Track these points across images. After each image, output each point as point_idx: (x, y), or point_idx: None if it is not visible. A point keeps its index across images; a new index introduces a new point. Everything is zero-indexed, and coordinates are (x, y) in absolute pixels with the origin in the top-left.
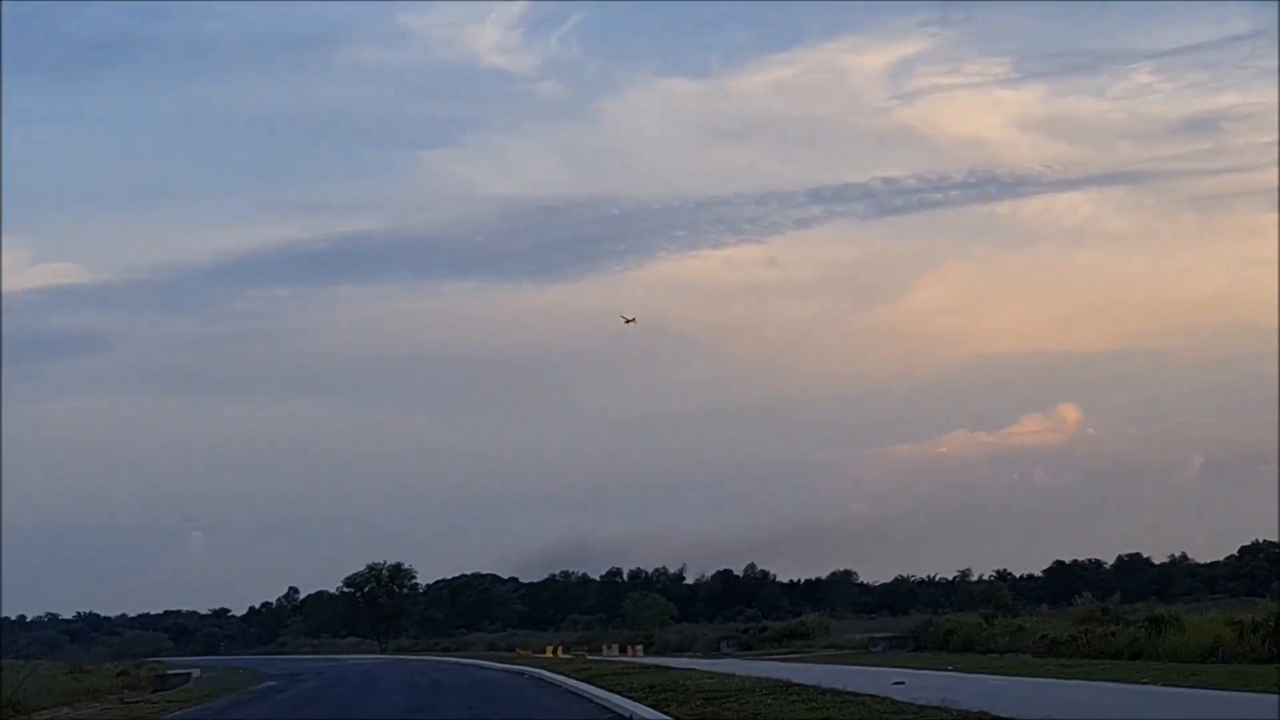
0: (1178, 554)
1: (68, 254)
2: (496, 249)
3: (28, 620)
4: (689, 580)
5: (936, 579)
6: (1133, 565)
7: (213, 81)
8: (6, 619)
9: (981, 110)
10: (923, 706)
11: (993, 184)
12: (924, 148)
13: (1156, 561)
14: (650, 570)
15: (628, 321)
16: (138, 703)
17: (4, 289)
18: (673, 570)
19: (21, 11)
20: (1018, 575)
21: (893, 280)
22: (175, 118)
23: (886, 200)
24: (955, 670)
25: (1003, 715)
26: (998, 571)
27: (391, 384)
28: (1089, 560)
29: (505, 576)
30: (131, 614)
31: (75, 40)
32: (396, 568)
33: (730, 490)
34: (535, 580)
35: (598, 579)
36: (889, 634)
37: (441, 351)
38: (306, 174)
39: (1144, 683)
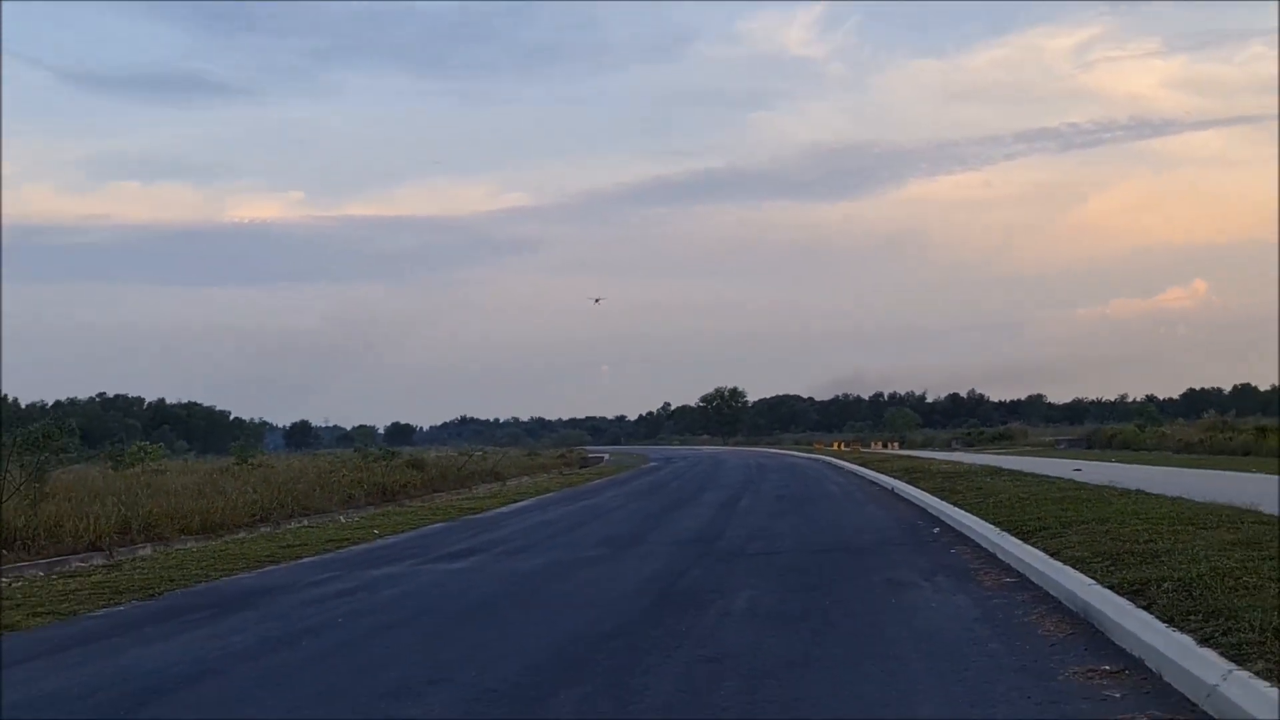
0: (1278, 383)
1: (521, 187)
2: (800, 179)
3: (500, 421)
4: (929, 399)
5: (1103, 400)
6: (1245, 391)
7: (614, 69)
8: (486, 420)
9: (1140, 75)
10: (1097, 485)
11: (1147, 127)
12: (1098, 102)
13: (1262, 389)
14: (903, 392)
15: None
16: (572, 474)
17: (480, 211)
18: (918, 393)
19: (487, 27)
20: (1161, 398)
21: (1075, 195)
22: (591, 96)
23: (1071, 139)
24: (1118, 462)
25: (1153, 491)
26: (1147, 395)
27: (732, 267)
28: (1213, 388)
29: (804, 396)
30: (564, 418)
31: (523, 45)
32: (734, 390)
33: (958, 339)
34: (824, 399)
35: (867, 398)
36: (1069, 438)
37: (764, 247)
38: (674, 130)
39: (1251, 471)
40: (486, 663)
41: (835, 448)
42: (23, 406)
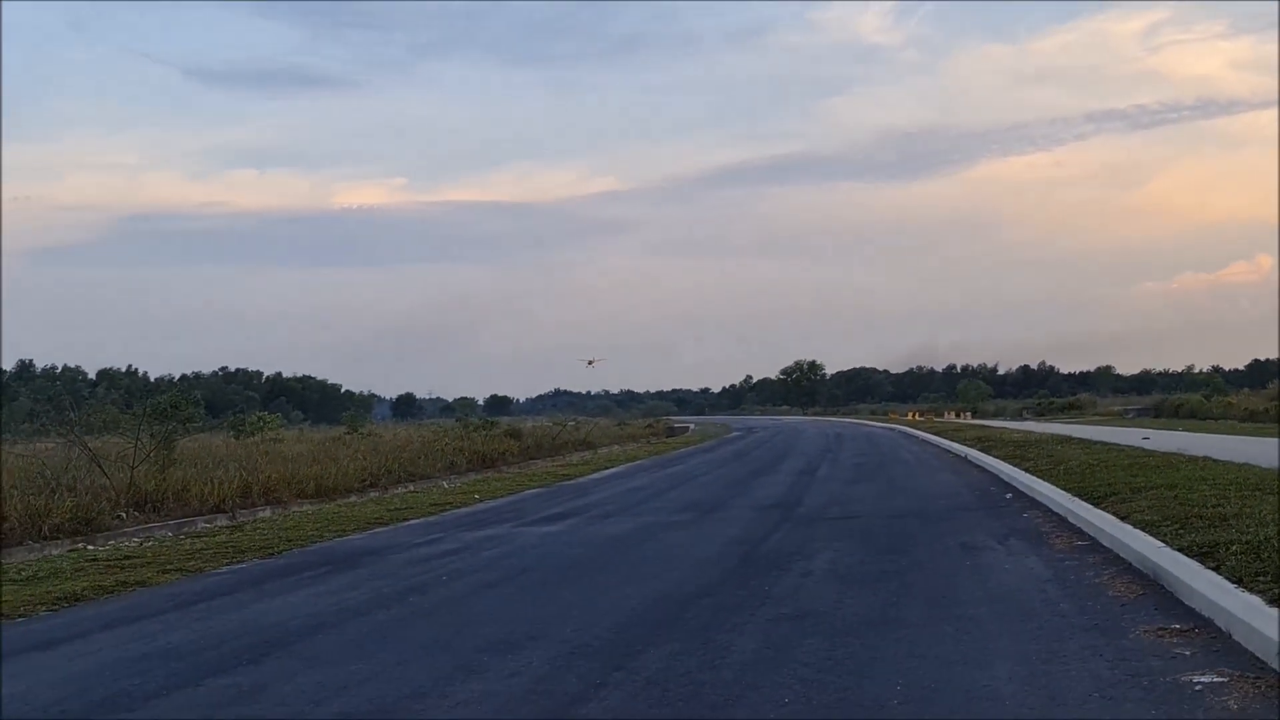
0: None
1: (611, 171)
2: (874, 161)
3: (592, 393)
4: (1000, 371)
5: (1170, 371)
6: None
7: (696, 58)
8: (579, 393)
9: (1206, 56)
10: (1165, 453)
11: (1213, 106)
12: (1165, 84)
13: None
14: (975, 364)
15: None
16: (659, 443)
17: (571, 195)
18: (989, 365)
19: (575, 20)
20: (1227, 369)
21: (1141, 174)
22: (674, 84)
23: (1138, 120)
24: (1185, 431)
25: (1220, 458)
26: (1213, 366)
27: (809, 246)
28: (1277, 358)
29: (880, 368)
30: (652, 390)
31: (610, 36)
32: (812, 363)
33: (1028, 313)
34: (899, 371)
35: (940, 370)
36: (1137, 407)
37: (840, 227)
38: (754, 115)
39: None
40: (581, 620)
41: (910, 418)
42: (151, 380)
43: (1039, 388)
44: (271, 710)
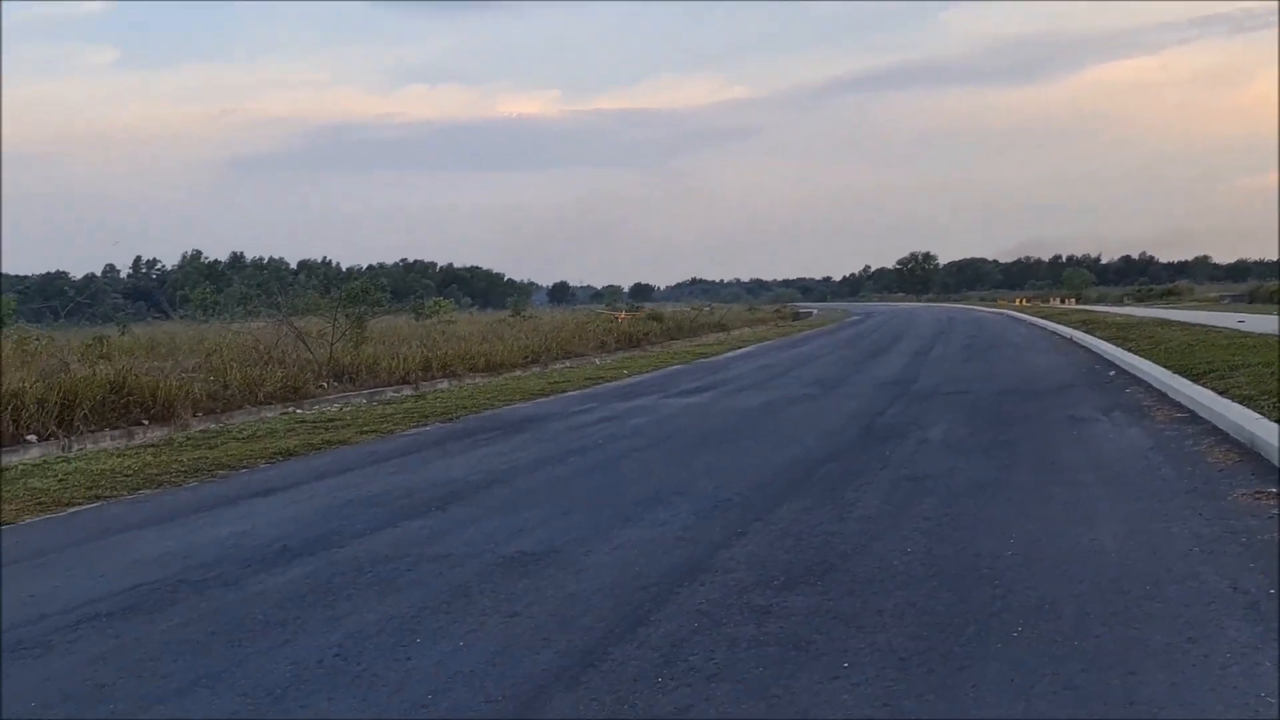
0: None
1: (743, 82)
2: (987, 67)
3: (725, 281)
4: (1103, 261)
5: (1264, 260)
6: None
7: None
8: (713, 281)
9: None
10: (1261, 334)
11: None
12: None
13: None
14: (1079, 254)
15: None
16: (785, 326)
17: (708, 104)
18: (1093, 255)
19: None
20: None
21: (1242, 75)
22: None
23: (1242, 22)
24: (1279, 315)
25: None
26: None
27: (925, 146)
28: None
29: (989, 258)
30: (779, 279)
31: None
32: (926, 254)
33: (1130, 206)
34: (1008, 261)
35: (1046, 260)
36: (1232, 294)
37: (951, 128)
38: (876, 27)
39: None
40: (720, 479)
41: (1018, 303)
42: (343, 269)
43: (1139, 276)
44: (459, 548)
